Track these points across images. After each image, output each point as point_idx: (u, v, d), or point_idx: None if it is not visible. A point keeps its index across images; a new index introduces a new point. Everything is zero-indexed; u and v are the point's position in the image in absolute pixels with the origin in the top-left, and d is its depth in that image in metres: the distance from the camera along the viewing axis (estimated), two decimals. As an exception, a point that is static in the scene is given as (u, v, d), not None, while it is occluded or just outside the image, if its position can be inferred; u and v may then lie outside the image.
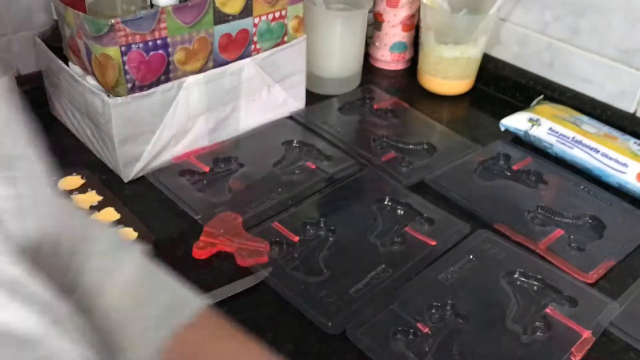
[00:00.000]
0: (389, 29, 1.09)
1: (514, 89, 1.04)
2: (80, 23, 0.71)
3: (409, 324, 0.62)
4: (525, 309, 0.65)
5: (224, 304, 0.63)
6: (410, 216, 0.77)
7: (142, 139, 0.78)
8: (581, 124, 0.88)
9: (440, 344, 0.60)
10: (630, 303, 0.66)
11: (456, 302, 0.64)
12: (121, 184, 0.79)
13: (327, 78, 1.02)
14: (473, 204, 0.79)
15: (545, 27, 0.99)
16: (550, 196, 0.81)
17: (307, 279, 0.66)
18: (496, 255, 0.71)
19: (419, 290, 0.66)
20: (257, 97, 0.89)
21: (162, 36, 0.74)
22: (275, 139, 0.89)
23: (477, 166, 0.87)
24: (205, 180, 0.80)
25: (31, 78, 0.90)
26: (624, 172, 0.81)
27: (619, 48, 0.91)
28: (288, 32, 0.88)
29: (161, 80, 0.76)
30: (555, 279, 0.68)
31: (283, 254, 0.69)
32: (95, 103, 0.76)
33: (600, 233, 0.76)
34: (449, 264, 0.69)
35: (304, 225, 0.73)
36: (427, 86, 1.06)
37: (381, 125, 0.95)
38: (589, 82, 0.96)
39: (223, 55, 0.81)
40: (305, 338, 0.61)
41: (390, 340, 0.60)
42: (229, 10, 0.79)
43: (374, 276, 0.67)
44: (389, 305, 0.63)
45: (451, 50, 1.00)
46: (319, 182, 0.81)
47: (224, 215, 0.73)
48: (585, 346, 0.61)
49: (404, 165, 0.85)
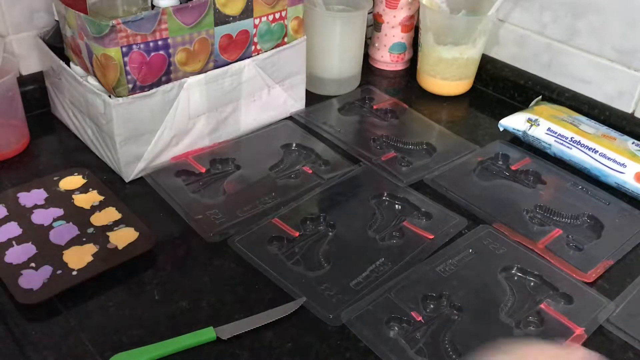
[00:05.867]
0: (388, 30, 1.10)
1: (512, 90, 1.05)
2: (82, 24, 0.72)
3: (403, 312, 0.63)
4: (520, 303, 0.66)
5: (224, 300, 0.64)
6: (408, 211, 0.78)
7: (143, 139, 0.79)
8: (579, 124, 0.88)
9: (433, 333, 0.61)
10: (629, 302, 0.67)
11: (452, 293, 0.66)
12: (122, 183, 0.80)
13: (327, 79, 1.02)
14: (472, 204, 0.79)
15: (544, 28, 0.99)
16: (548, 196, 0.82)
17: (307, 273, 0.67)
18: (495, 250, 0.72)
19: (415, 280, 0.67)
20: (257, 97, 0.89)
21: (163, 37, 0.74)
22: (275, 141, 0.89)
23: (476, 166, 0.87)
24: (200, 181, 0.80)
25: (33, 78, 0.91)
26: (622, 172, 0.81)
27: (617, 49, 0.92)
28: (288, 33, 0.88)
29: (162, 81, 0.77)
30: (553, 276, 0.69)
31: (283, 249, 0.70)
32: (96, 103, 0.76)
33: (598, 233, 0.76)
34: (448, 256, 0.71)
35: (304, 220, 0.74)
36: (426, 87, 1.06)
37: (381, 125, 0.96)
38: (588, 82, 0.96)
39: (223, 56, 0.82)
40: (306, 331, 0.61)
41: (383, 327, 0.62)
42: (230, 11, 0.79)
43: (373, 270, 0.68)
44: (385, 293, 0.65)
45: (450, 51, 1.00)
46: (314, 187, 0.81)
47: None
48: (577, 342, 0.61)
49: (404, 165, 0.86)
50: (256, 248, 0.70)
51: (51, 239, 0.69)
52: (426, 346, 0.60)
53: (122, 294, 0.64)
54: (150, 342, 0.59)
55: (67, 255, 0.66)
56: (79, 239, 0.69)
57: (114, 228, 0.70)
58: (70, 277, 0.64)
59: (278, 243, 0.71)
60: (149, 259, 0.68)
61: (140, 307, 0.63)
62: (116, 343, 0.59)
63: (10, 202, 0.73)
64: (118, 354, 0.57)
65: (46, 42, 0.86)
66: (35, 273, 0.64)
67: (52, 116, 0.92)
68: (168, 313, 0.63)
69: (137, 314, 0.62)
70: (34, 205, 0.73)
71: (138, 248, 0.68)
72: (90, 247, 0.68)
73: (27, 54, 0.90)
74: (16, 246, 0.67)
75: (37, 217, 0.72)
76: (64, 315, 0.62)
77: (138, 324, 0.61)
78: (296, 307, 0.63)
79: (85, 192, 0.76)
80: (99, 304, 0.63)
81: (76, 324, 0.61)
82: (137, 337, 0.60)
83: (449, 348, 0.60)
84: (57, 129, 0.90)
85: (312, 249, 0.71)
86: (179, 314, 0.63)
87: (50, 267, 0.65)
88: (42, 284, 0.63)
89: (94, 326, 0.61)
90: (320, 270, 0.68)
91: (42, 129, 0.89)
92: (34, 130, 0.88)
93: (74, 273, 0.64)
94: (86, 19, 0.71)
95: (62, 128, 0.90)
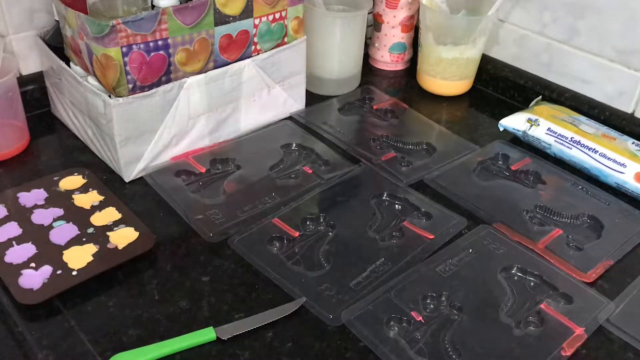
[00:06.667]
0: (388, 30, 1.10)
1: (512, 90, 1.05)
2: (82, 24, 0.72)
3: (403, 312, 0.63)
4: (520, 303, 0.66)
5: (224, 300, 0.64)
6: (408, 211, 0.78)
7: (143, 139, 0.79)
8: (579, 124, 0.88)
9: (433, 333, 0.61)
10: (629, 302, 0.67)
11: (452, 293, 0.66)
12: (122, 183, 0.80)
13: (327, 79, 1.02)
14: (472, 204, 0.79)
15: (544, 28, 0.99)
16: (548, 196, 0.82)
17: (307, 273, 0.67)
18: (495, 250, 0.72)
19: (415, 280, 0.67)
20: (257, 97, 0.89)
21: (163, 37, 0.74)
22: (275, 141, 0.89)
23: (476, 166, 0.87)
24: (200, 181, 0.80)
25: (33, 78, 0.91)
26: (622, 172, 0.81)
27: (617, 49, 0.92)
28: (288, 33, 0.88)
29: (162, 81, 0.77)
30: (553, 276, 0.69)
31: (283, 249, 0.70)
32: (96, 103, 0.76)
33: (598, 233, 0.76)
34: (448, 256, 0.71)
35: (304, 220, 0.74)
36: (426, 87, 1.06)
37: (381, 125, 0.96)
38: (588, 82, 0.96)
39: (223, 56, 0.82)
40: (306, 331, 0.61)
41: (384, 327, 0.62)
42: (230, 11, 0.79)
43: (373, 270, 0.68)
44: (385, 293, 0.65)
45: (450, 51, 1.00)
46: (314, 187, 0.81)
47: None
48: (577, 342, 0.62)
49: (404, 165, 0.86)
50: (256, 248, 0.70)
51: (51, 239, 0.69)
52: (426, 346, 0.60)
53: (122, 294, 0.64)
54: (150, 342, 0.59)
55: (67, 255, 0.66)
56: (79, 239, 0.69)
57: (114, 228, 0.70)
58: (70, 277, 0.64)
59: (278, 243, 0.71)
60: (149, 259, 0.68)
61: (140, 307, 0.63)
62: (116, 343, 0.59)
63: (10, 202, 0.73)
64: (118, 354, 0.57)
65: (46, 42, 0.86)
66: (35, 273, 0.64)
67: (52, 116, 0.92)
68: (168, 313, 0.63)
69: (137, 314, 0.62)
70: (34, 205, 0.73)
71: (138, 248, 0.68)
72: (90, 247, 0.68)
73: (27, 54, 0.90)
74: (16, 246, 0.67)
75: (37, 217, 0.72)
76: (64, 315, 0.62)
77: (138, 324, 0.61)
78: (296, 307, 0.63)
79: (85, 192, 0.76)
80: (99, 304, 0.63)
81: (76, 324, 0.61)
82: (137, 337, 0.60)
83: (449, 348, 0.60)
84: (57, 129, 0.90)
85: (312, 249, 0.71)
86: (179, 314, 0.63)
87: (50, 267, 0.65)
88: (42, 284, 0.63)
89: (94, 326, 0.61)
90: (320, 270, 0.68)
91: (42, 129, 0.89)
92: (34, 130, 0.88)
93: (74, 273, 0.64)
94: (86, 19, 0.71)
95: (62, 128, 0.90)
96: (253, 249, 0.70)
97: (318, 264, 0.69)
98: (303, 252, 0.70)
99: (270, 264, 0.68)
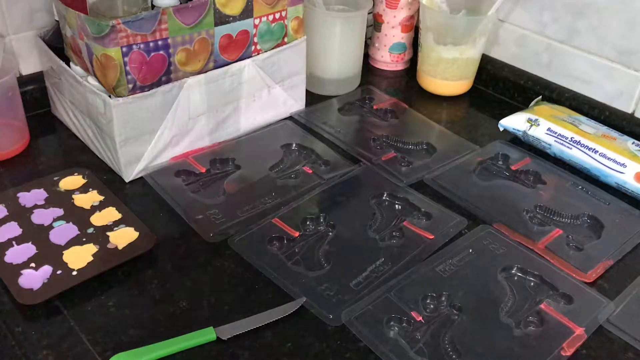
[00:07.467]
0: (388, 30, 1.10)
1: (512, 90, 1.05)
2: (82, 24, 0.72)
3: (403, 312, 0.63)
4: (520, 303, 0.66)
5: (224, 300, 0.64)
6: (408, 211, 0.78)
7: (143, 139, 0.79)
8: (579, 124, 0.88)
9: (433, 333, 0.61)
10: (629, 302, 0.67)
11: (452, 293, 0.66)
12: (122, 183, 0.80)
13: (327, 79, 1.02)
14: (472, 204, 0.79)
15: (544, 28, 0.99)
16: (548, 196, 0.82)
17: (307, 273, 0.67)
18: (495, 250, 0.72)
19: (415, 280, 0.67)
20: (257, 97, 0.89)
21: (163, 37, 0.74)
22: (275, 141, 0.89)
23: (476, 166, 0.87)
24: (200, 181, 0.80)
25: (33, 79, 0.91)
26: (622, 172, 0.81)
27: (617, 49, 0.92)
28: (288, 33, 0.88)
29: (162, 81, 0.77)
30: (553, 277, 0.69)
31: (283, 249, 0.70)
32: (96, 103, 0.76)
33: (598, 233, 0.76)
34: (448, 256, 0.71)
35: (304, 220, 0.74)
36: (426, 87, 1.06)
37: (381, 125, 0.96)
38: (588, 82, 0.96)
39: (223, 56, 0.82)
40: (306, 331, 0.61)
41: (384, 327, 0.62)
42: (230, 11, 0.79)
43: (373, 270, 0.68)
44: (385, 293, 0.65)
45: (450, 51, 1.00)
46: (314, 187, 0.81)
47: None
48: (577, 342, 0.62)
49: (404, 165, 0.86)
50: (256, 248, 0.70)
51: (51, 239, 0.69)
52: (426, 346, 0.60)
53: (122, 294, 0.64)
54: (150, 342, 0.59)
55: (67, 255, 0.66)
56: (79, 239, 0.69)
57: (114, 228, 0.70)
58: (70, 277, 0.64)
59: (278, 243, 0.71)
60: (149, 259, 0.68)
61: (140, 307, 0.63)
62: (116, 343, 0.59)
63: (10, 202, 0.73)
64: (118, 354, 0.57)
65: (46, 42, 0.86)
66: (35, 273, 0.64)
67: (52, 116, 0.92)
68: (168, 313, 0.63)
69: (137, 314, 0.62)
70: (34, 205, 0.73)
71: (138, 248, 0.68)
72: (90, 247, 0.68)
73: (27, 54, 0.90)
74: (16, 246, 0.67)
75: (37, 217, 0.72)
76: (64, 315, 0.62)
77: (138, 324, 0.61)
78: (296, 307, 0.63)
79: (85, 192, 0.76)
80: (99, 304, 0.63)
81: (76, 324, 0.61)
82: (137, 337, 0.60)
83: (449, 348, 0.60)
84: (57, 129, 0.90)
85: (312, 249, 0.71)
86: (179, 314, 0.63)
87: (50, 267, 0.65)
88: (42, 284, 0.63)
89: (94, 326, 0.61)
90: (320, 270, 0.68)
91: (42, 129, 0.89)
92: (34, 130, 0.88)
93: (74, 273, 0.64)
94: (86, 19, 0.71)
95: (62, 128, 0.90)
96: (253, 249, 0.70)
97: (318, 264, 0.69)
98: (303, 252, 0.70)
99: (270, 264, 0.68)
